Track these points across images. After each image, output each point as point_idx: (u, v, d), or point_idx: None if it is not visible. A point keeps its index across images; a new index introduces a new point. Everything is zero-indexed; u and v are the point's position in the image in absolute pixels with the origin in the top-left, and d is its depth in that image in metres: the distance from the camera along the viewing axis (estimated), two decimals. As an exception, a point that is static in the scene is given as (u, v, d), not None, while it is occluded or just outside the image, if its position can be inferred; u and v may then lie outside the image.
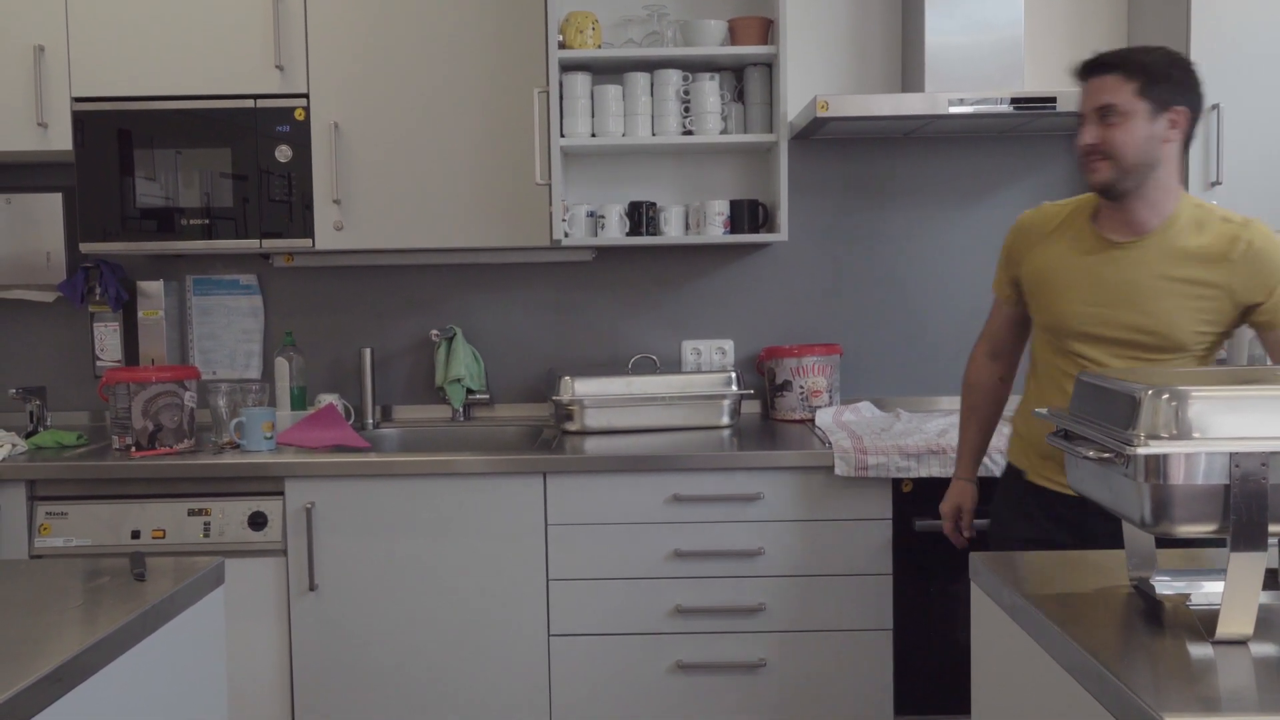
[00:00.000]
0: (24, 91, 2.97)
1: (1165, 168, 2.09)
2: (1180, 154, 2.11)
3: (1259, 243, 2.10)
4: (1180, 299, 2.11)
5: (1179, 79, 2.08)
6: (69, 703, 1.33)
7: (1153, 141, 2.06)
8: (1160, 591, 1.50)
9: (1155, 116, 2.06)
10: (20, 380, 3.33)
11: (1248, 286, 2.10)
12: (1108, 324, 2.15)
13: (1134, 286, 2.13)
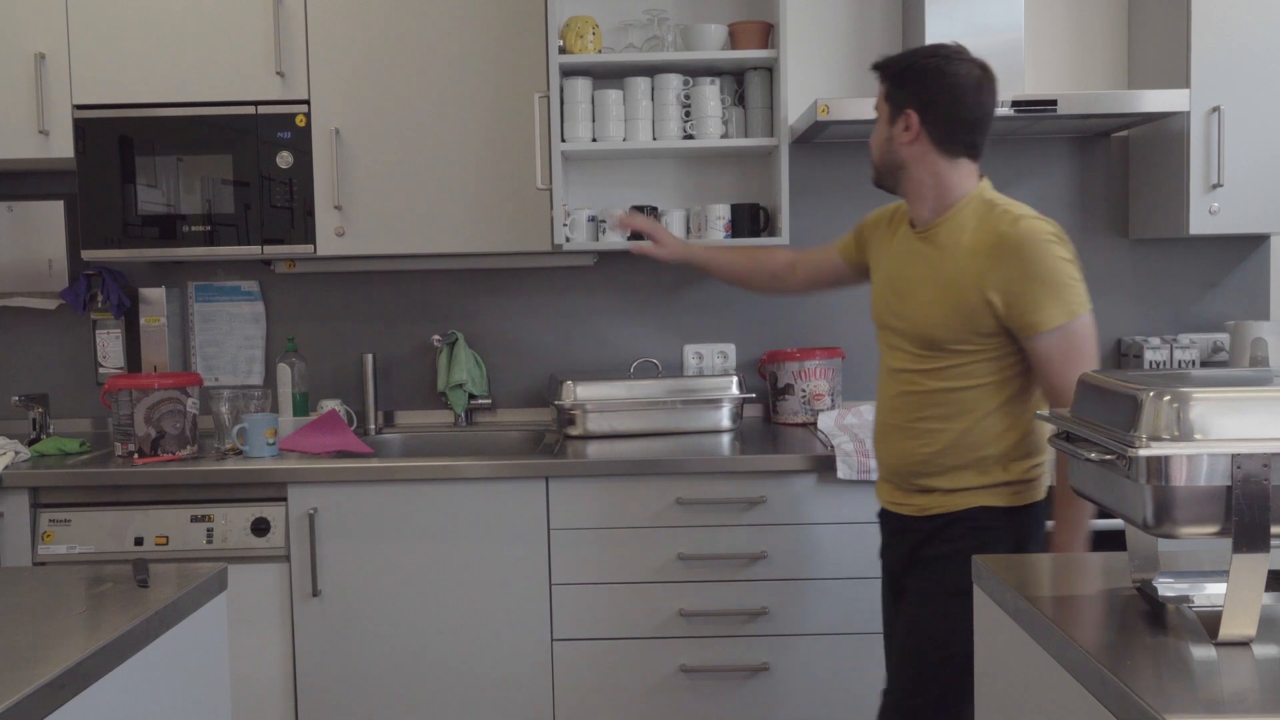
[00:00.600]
0: (25, 99, 2.98)
1: (919, 167, 2.11)
2: (938, 152, 2.09)
3: (1013, 239, 2.01)
4: (936, 295, 2.09)
5: (913, 83, 2.10)
6: (72, 709, 1.34)
7: (891, 143, 2.13)
8: (1163, 593, 1.50)
9: (894, 120, 2.12)
10: (23, 388, 3.33)
11: (990, 283, 2.02)
12: (892, 314, 2.19)
13: (905, 280, 2.17)
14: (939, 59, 2.10)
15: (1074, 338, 2.00)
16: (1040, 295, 1.99)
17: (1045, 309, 1.99)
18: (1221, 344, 3.27)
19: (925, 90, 2.09)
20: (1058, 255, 2.00)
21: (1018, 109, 2.87)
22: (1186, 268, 3.37)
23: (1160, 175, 3.14)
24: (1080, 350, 2.01)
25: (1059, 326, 1.99)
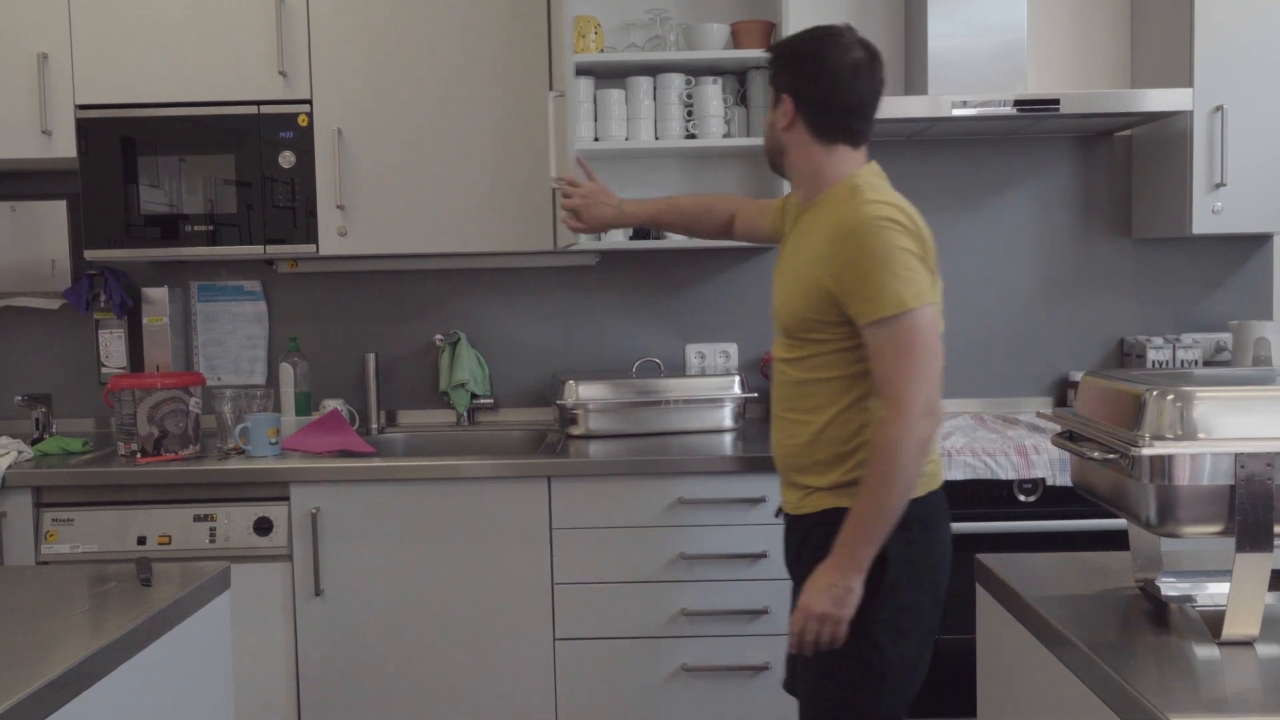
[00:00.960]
0: (28, 99, 2.98)
1: (796, 153, 2.06)
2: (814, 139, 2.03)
3: (851, 223, 1.91)
4: (793, 281, 2.04)
5: (791, 68, 2.03)
6: (76, 708, 1.34)
7: (774, 129, 2.08)
8: (1166, 593, 1.50)
9: (775, 105, 2.07)
10: (26, 387, 3.33)
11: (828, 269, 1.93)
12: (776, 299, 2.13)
13: (780, 266, 2.14)
14: (817, 43, 2.01)
15: (906, 331, 1.86)
16: (870, 282, 1.87)
17: (875, 297, 1.87)
18: (1224, 344, 3.27)
19: (800, 75, 2.02)
20: (895, 243, 1.87)
21: (1020, 108, 2.87)
22: (1189, 267, 3.37)
23: (1163, 175, 3.13)
24: (913, 345, 1.87)
25: (888, 317, 1.86)
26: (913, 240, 1.90)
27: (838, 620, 1.89)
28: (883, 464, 1.85)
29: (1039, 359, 3.39)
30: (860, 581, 1.88)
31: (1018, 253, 3.37)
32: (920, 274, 1.90)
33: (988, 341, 3.37)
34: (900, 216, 1.91)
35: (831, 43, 2.00)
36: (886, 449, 1.85)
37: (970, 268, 3.36)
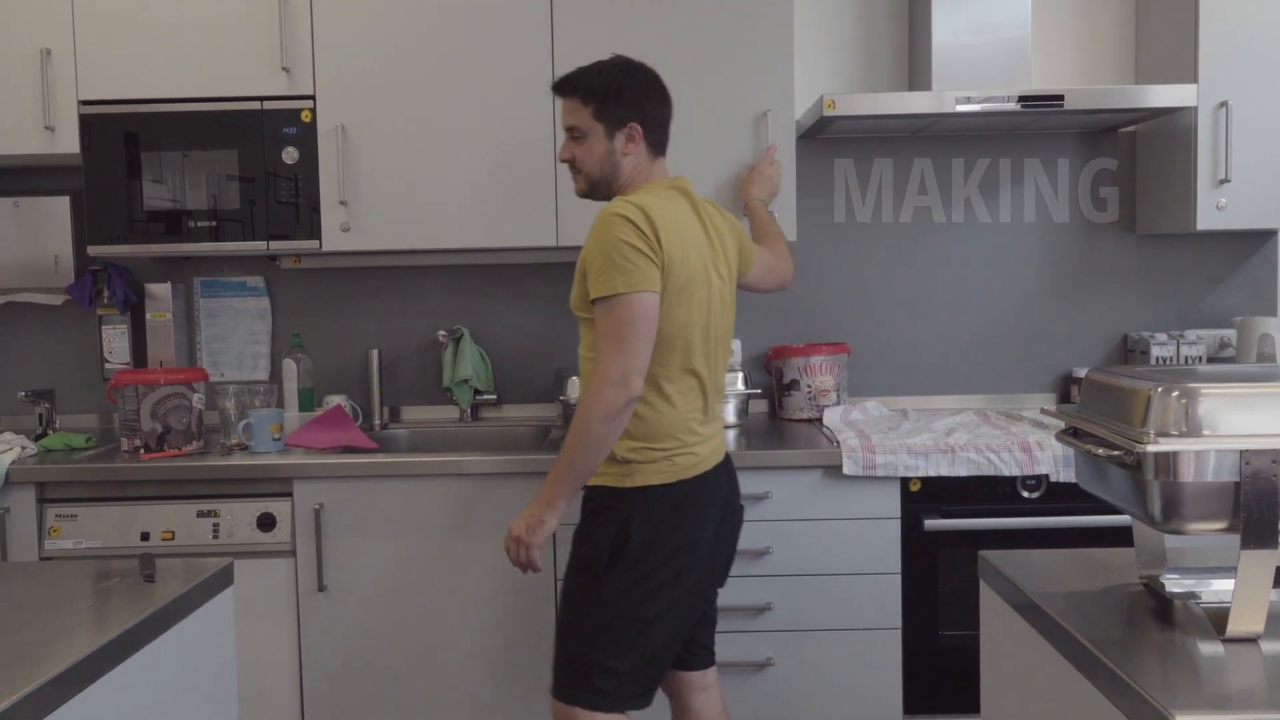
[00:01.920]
0: (31, 95, 2.98)
1: (635, 172, 2.31)
2: (650, 155, 2.33)
3: (606, 211, 2.19)
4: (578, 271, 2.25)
5: (630, 95, 2.29)
6: (80, 703, 1.34)
7: (612, 157, 2.30)
8: (1170, 589, 1.49)
9: (613, 134, 2.29)
10: (29, 383, 3.34)
11: (585, 250, 2.20)
12: None
13: None
14: (641, 71, 2.33)
15: (613, 314, 2.12)
16: (592, 266, 2.15)
17: (594, 279, 2.14)
18: (1229, 340, 3.27)
19: (645, 102, 2.30)
20: (616, 235, 2.12)
21: (1025, 104, 2.86)
22: (1193, 263, 3.36)
23: (1167, 171, 3.13)
24: (618, 330, 2.12)
25: (601, 298, 2.13)
26: (635, 234, 2.13)
27: (529, 545, 2.23)
28: (576, 421, 2.16)
29: (1043, 355, 3.38)
30: (553, 516, 2.23)
31: (1021, 249, 3.36)
32: (637, 267, 2.12)
33: (991, 338, 3.37)
34: (634, 213, 2.14)
35: (645, 68, 2.34)
36: (579, 409, 2.16)
37: (974, 263, 3.36)
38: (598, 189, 2.34)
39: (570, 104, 2.32)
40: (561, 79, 2.35)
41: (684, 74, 2.97)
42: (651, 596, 2.22)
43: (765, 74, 2.97)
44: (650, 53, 2.96)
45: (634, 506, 2.22)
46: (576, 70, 2.34)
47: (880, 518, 2.74)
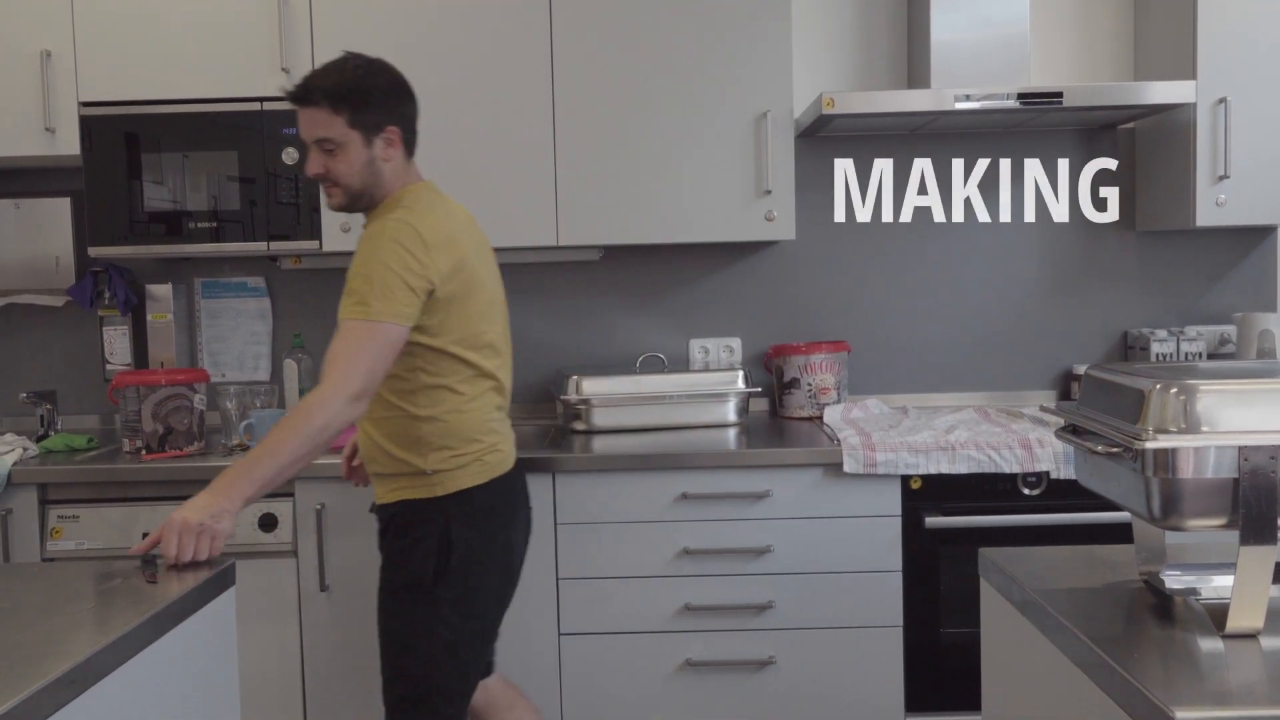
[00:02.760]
0: (31, 97, 2.98)
1: (394, 177, 2.21)
2: (405, 157, 2.24)
3: (378, 224, 2.15)
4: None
5: (381, 100, 2.17)
6: (82, 704, 1.34)
7: (372, 165, 2.18)
8: (1170, 586, 1.50)
9: (370, 141, 2.16)
10: (30, 384, 3.34)
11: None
12: None
13: None
14: (386, 70, 2.20)
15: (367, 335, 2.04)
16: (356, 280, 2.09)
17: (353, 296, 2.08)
18: (1228, 336, 3.27)
19: (399, 105, 2.20)
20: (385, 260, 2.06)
21: (1024, 101, 2.86)
22: (1193, 260, 3.36)
23: (1167, 167, 3.13)
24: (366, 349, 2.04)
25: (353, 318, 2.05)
26: (407, 261, 2.07)
27: (216, 534, 1.86)
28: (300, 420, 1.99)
29: (1043, 352, 3.38)
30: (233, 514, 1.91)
31: (1021, 248, 3.36)
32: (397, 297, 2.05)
33: (991, 335, 3.37)
34: (407, 238, 2.08)
35: (389, 66, 2.22)
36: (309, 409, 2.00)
37: (974, 264, 3.36)
38: (358, 201, 2.21)
39: (317, 114, 2.14)
40: (302, 87, 2.16)
41: (683, 73, 2.98)
42: (488, 605, 2.21)
43: (764, 73, 2.97)
44: (650, 51, 2.98)
45: (450, 514, 2.17)
46: (315, 75, 2.17)
47: (881, 516, 2.74)
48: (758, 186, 3.00)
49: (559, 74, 2.99)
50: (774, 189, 2.99)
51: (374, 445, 2.24)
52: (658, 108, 3.01)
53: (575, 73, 2.99)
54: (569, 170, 3.00)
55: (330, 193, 2.21)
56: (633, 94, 3.00)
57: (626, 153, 3.00)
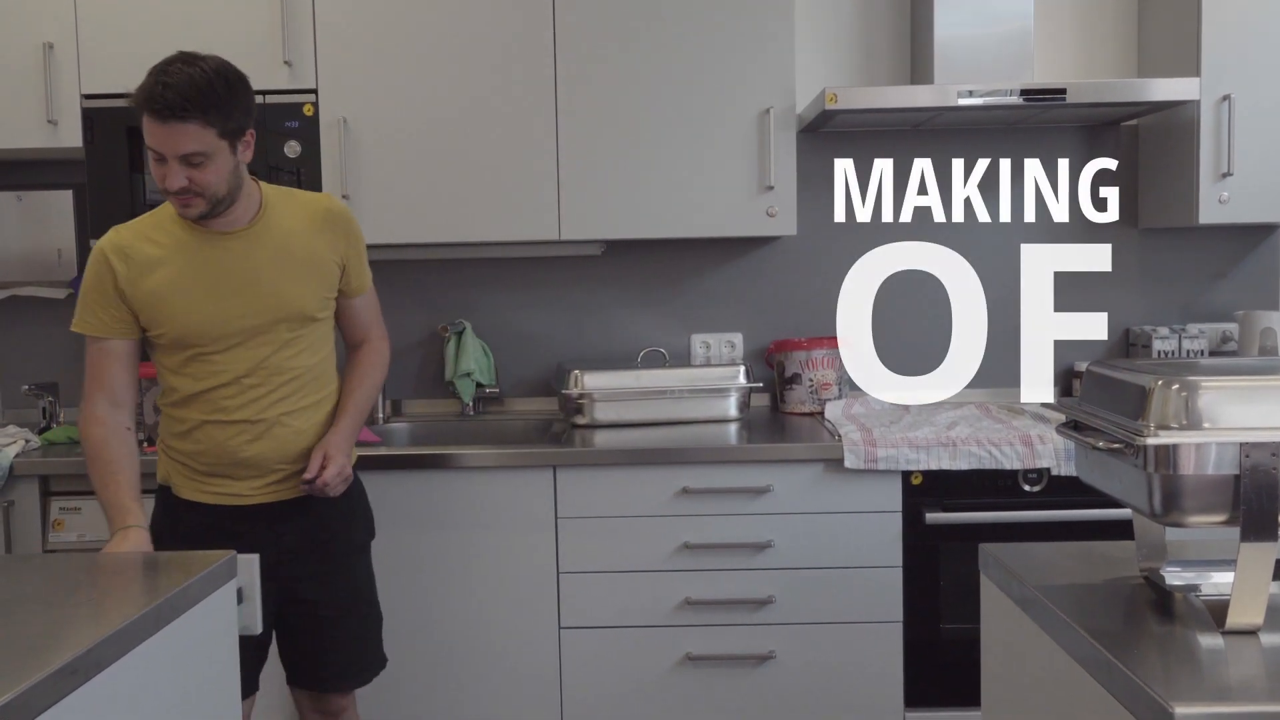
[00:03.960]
0: (34, 89, 2.98)
1: (247, 179, 2.23)
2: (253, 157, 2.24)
3: (337, 208, 2.34)
4: (303, 273, 2.24)
5: (244, 106, 2.15)
6: (83, 696, 1.34)
7: (237, 170, 2.16)
8: (1170, 582, 1.50)
9: (235, 148, 2.14)
10: (32, 377, 3.34)
11: (339, 247, 2.30)
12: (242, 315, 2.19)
13: (258, 273, 2.21)
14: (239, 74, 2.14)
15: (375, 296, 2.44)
16: (360, 259, 2.36)
17: (362, 270, 2.38)
18: (1230, 334, 3.27)
19: (253, 106, 2.18)
20: (361, 236, 2.38)
21: (1027, 98, 2.86)
22: (1195, 257, 3.36)
23: (1169, 164, 3.13)
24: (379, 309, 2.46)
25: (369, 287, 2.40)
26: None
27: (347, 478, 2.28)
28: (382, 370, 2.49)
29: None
30: None
31: (1023, 242, 3.35)
32: None
33: (993, 331, 3.36)
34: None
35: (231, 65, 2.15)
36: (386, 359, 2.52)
37: (975, 256, 3.35)
38: (220, 205, 2.15)
39: (189, 129, 2.04)
40: (174, 104, 2.02)
41: (686, 68, 2.98)
42: None
43: (767, 68, 2.97)
44: (653, 46, 2.98)
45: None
46: (181, 88, 2.03)
47: (881, 511, 2.75)
48: (760, 182, 3.00)
49: (562, 68, 2.98)
50: (776, 185, 2.99)
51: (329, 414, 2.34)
52: (660, 103, 3.00)
53: (578, 67, 2.99)
54: (571, 165, 3.00)
55: (191, 204, 2.12)
56: (635, 89, 3.00)
57: (629, 147, 3.00)
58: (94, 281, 2.18)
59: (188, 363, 2.21)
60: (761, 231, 3.04)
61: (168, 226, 2.21)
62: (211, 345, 2.19)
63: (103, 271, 2.17)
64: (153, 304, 2.17)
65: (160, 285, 2.17)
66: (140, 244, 2.19)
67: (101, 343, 2.19)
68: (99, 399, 2.19)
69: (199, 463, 2.26)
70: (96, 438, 2.17)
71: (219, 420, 2.22)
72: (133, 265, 2.17)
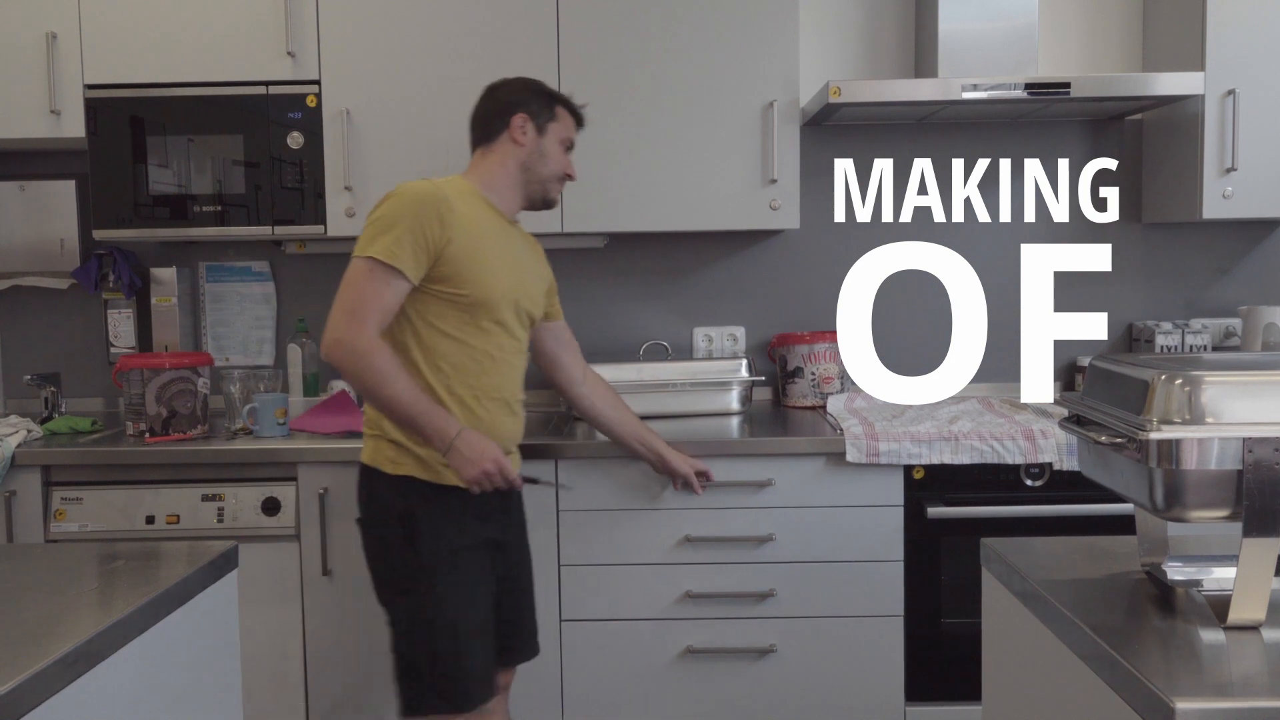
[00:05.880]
0: (37, 79, 2.98)
1: None
2: None
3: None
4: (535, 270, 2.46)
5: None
6: (85, 685, 1.35)
7: None
8: (1172, 577, 1.50)
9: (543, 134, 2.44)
10: (35, 367, 3.34)
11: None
12: (517, 296, 2.32)
13: (522, 261, 2.38)
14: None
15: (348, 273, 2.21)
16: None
17: None
18: (1234, 329, 3.26)
19: None
20: (384, 207, 2.20)
21: (1031, 92, 2.85)
22: (1199, 252, 3.35)
23: (1174, 159, 3.12)
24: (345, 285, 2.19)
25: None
26: (400, 206, 2.19)
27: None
28: None
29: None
30: None
31: (1026, 236, 3.35)
32: (384, 235, 2.17)
33: (996, 325, 3.36)
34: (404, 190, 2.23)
35: None
36: None
37: (978, 250, 3.35)
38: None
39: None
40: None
41: (689, 61, 2.97)
42: None
43: (771, 62, 2.97)
44: (655, 42, 2.97)
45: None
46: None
47: (883, 505, 2.74)
48: (763, 175, 2.99)
49: (564, 60, 2.98)
50: (779, 178, 2.99)
51: None
52: (664, 96, 3.00)
53: (581, 59, 2.98)
54: (574, 157, 2.99)
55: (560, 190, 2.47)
56: (639, 82, 2.99)
57: (632, 140, 3.00)
58: (419, 221, 2.16)
59: (473, 328, 2.25)
60: (764, 225, 3.04)
61: (467, 198, 2.28)
62: (498, 314, 2.27)
63: (433, 214, 2.17)
64: (467, 262, 2.21)
65: (478, 247, 2.23)
66: (462, 205, 2.24)
67: (398, 280, 2.16)
68: (374, 325, 2.14)
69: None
70: (389, 355, 2.14)
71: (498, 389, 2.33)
72: (460, 220, 2.21)
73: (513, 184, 2.38)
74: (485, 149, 2.41)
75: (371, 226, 2.19)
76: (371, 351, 2.11)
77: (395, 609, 2.27)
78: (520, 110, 2.39)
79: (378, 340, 2.14)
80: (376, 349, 2.12)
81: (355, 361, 2.11)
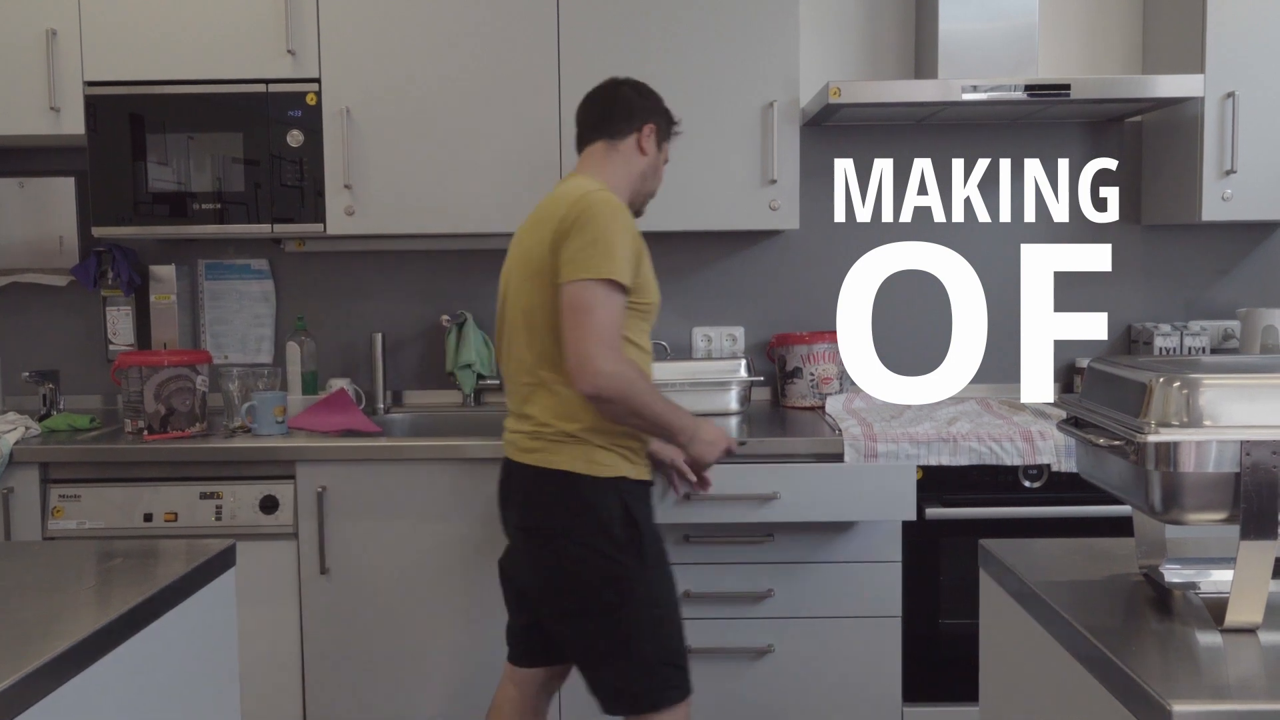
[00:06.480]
0: (36, 76, 2.98)
1: None
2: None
3: None
4: None
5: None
6: (81, 683, 1.35)
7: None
8: (1170, 580, 1.50)
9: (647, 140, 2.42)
10: (33, 364, 3.34)
11: None
12: None
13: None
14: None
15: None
16: None
17: None
18: (1232, 331, 3.26)
19: None
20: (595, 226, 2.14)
21: (1031, 93, 2.85)
22: (1198, 254, 3.35)
23: (1173, 161, 3.12)
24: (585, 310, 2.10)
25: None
26: None
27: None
28: None
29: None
30: None
31: (1026, 237, 3.35)
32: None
33: (996, 326, 3.36)
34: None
35: None
36: None
37: (978, 251, 3.35)
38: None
39: None
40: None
41: (690, 63, 2.97)
42: None
43: (771, 62, 2.97)
44: (656, 41, 2.97)
45: None
46: None
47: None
48: (763, 176, 2.99)
49: (565, 59, 2.98)
50: (779, 178, 2.99)
51: None
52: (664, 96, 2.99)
53: (582, 58, 2.98)
54: (574, 155, 2.98)
55: None
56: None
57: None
58: (628, 235, 2.16)
59: (645, 332, 2.27)
60: (764, 225, 3.04)
61: None
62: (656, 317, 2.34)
63: (632, 227, 2.20)
64: (646, 271, 2.25)
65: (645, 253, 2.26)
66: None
67: (624, 298, 2.14)
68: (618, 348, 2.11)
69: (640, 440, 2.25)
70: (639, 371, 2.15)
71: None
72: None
73: (627, 188, 2.36)
74: (609, 146, 2.36)
75: (591, 247, 2.11)
76: (636, 376, 2.11)
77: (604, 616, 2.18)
78: (652, 120, 2.38)
79: (630, 361, 2.15)
80: (637, 373, 2.13)
81: (627, 388, 2.09)
